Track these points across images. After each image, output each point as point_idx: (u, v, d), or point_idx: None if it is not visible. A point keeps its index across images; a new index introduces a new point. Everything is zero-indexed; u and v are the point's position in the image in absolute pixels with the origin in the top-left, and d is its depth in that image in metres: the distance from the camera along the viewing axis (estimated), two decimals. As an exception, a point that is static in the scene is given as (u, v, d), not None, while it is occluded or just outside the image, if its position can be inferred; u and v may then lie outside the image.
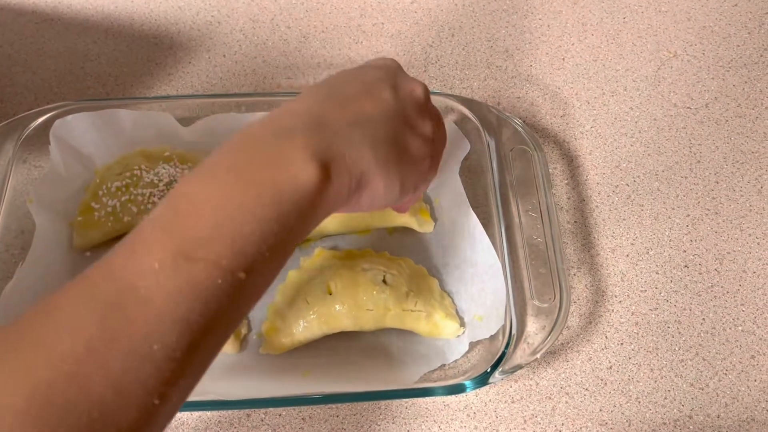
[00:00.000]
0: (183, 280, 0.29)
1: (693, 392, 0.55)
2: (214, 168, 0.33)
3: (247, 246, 0.31)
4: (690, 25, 0.75)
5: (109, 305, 0.28)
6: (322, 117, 0.36)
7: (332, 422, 0.52)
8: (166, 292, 0.29)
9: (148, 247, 0.30)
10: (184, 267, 0.29)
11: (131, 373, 0.27)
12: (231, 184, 0.32)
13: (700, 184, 0.64)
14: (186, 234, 0.30)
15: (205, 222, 0.30)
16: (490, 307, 0.53)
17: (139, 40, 0.72)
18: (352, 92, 0.39)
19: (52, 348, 0.27)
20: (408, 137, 0.40)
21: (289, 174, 0.32)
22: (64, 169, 0.58)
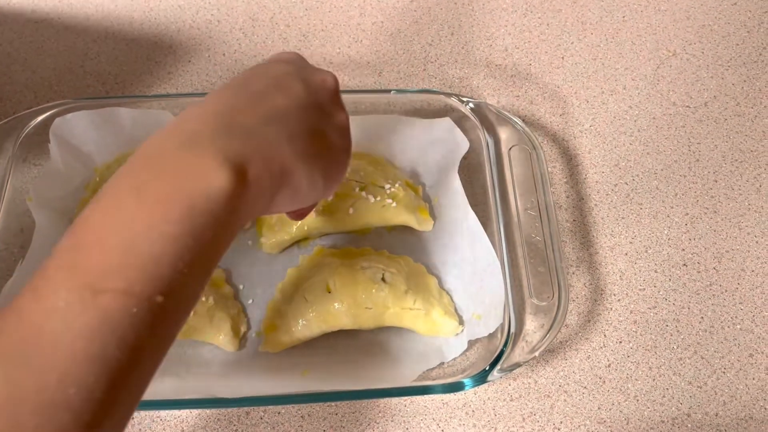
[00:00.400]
0: (93, 315, 0.27)
1: (691, 390, 0.55)
2: (116, 191, 0.30)
3: (160, 268, 0.28)
4: (689, 23, 0.75)
5: (14, 357, 0.26)
6: (231, 117, 0.34)
7: (331, 420, 0.52)
8: (76, 331, 0.26)
9: (51, 286, 0.27)
10: (92, 301, 0.27)
11: (47, 425, 0.25)
12: (135, 206, 0.29)
13: (698, 183, 0.64)
14: (90, 266, 0.28)
15: (110, 250, 0.28)
16: (489, 306, 0.53)
17: (139, 39, 0.72)
18: (261, 88, 0.37)
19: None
20: (324, 127, 0.39)
21: (199, 184, 0.30)
22: (64, 167, 0.59)
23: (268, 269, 0.57)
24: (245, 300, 0.56)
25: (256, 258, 0.58)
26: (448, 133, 0.61)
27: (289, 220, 0.57)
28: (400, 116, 0.61)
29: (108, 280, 0.27)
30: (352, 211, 0.57)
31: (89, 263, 0.28)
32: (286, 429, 0.52)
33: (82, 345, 0.26)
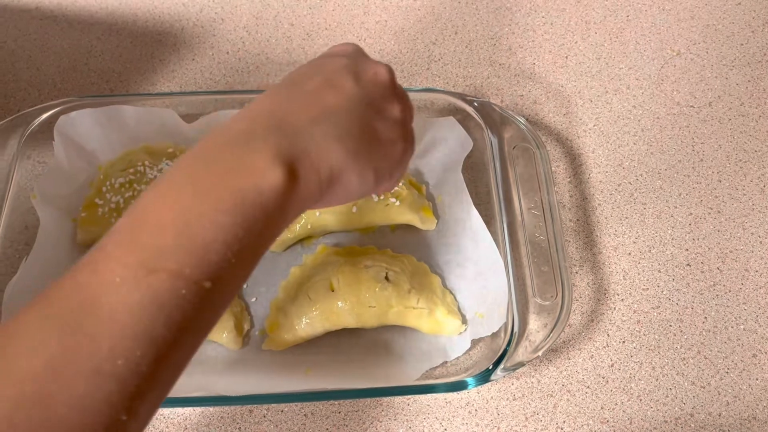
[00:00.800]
0: (145, 293, 0.28)
1: (695, 390, 0.55)
2: (173, 179, 0.32)
3: (211, 254, 0.30)
4: (693, 23, 0.75)
5: (70, 323, 0.28)
6: (282, 116, 0.35)
7: (334, 419, 0.52)
8: (128, 306, 0.28)
9: (109, 262, 0.29)
10: (145, 279, 0.29)
11: (96, 391, 0.27)
12: (190, 194, 0.31)
13: (702, 183, 0.64)
14: (146, 246, 0.30)
15: (166, 233, 0.30)
16: (492, 305, 0.53)
17: (143, 37, 0.72)
18: (312, 86, 0.38)
19: (15, 367, 0.27)
20: (376, 123, 0.39)
21: (251, 179, 0.32)
22: (68, 165, 0.59)
23: (271, 267, 0.57)
24: (248, 298, 0.56)
25: (260, 256, 0.58)
26: (451, 132, 0.61)
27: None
28: (404, 115, 0.61)
29: (161, 259, 0.29)
30: (356, 210, 0.57)
31: (145, 242, 0.30)
32: (289, 427, 0.52)
33: (132, 320, 0.28)
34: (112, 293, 0.28)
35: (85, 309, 0.28)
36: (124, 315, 0.28)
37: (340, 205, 0.40)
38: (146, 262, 0.29)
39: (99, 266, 0.29)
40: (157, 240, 0.30)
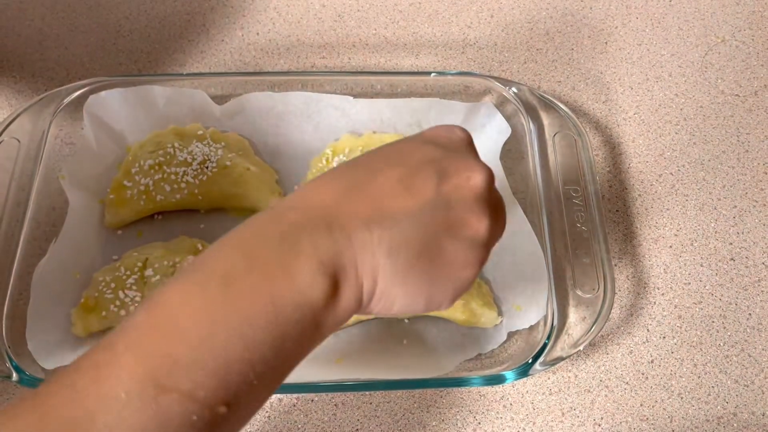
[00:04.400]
0: (151, 417, 0.25)
1: (738, 389, 0.53)
2: (204, 273, 0.28)
3: (231, 375, 0.26)
4: (739, 9, 0.72)
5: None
6: (337, 213, 0.30)
7: (365, 409, 0.51)
8: (129, 429, 0.25)
9: (116, 370, 0.26)
10: (153, 400, 0.25)
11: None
12: (220, 298, 0.27)
13: (747, 175, 0.62)
14: (161, 355, 0.26)
15: (184, 343, 0.26)
16: (530, 297, 0.52)
17: (172, 17, 0.71)
18: (383, 180, 0.32)
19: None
20: (447, 240, 0.32)
21: (291, 290, 0.28)
22: (97, 145, 0.58)
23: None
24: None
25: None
26: (488, 118, 0.59)
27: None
28: (440, 99, 0.60)
29: (175, 376, 0.26)
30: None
31: (160, 350, 0.26)
32: (319, 417, 0.51)
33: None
34: (113, 411, 0.25)
35: (78, 425, 0.25)
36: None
37: (380, 315, 0.35)
38: (158, 377, 0.25)
39: (102, 372, 0.26)
40: (174, 349, 0.26)
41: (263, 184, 0.57)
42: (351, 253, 0.30)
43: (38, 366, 0.47)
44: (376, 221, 0.30)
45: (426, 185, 0.32)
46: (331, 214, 0.30)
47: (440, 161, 0.33)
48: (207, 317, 0.27)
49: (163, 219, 0.57)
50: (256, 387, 0.27)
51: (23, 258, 0.52)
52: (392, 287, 0.31)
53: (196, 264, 0.29)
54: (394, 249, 0.31)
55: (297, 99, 0.60)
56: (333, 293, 0.29)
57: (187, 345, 0.26)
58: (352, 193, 0.31)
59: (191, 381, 0.26)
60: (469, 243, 0.33)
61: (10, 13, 0.70)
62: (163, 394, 0.25)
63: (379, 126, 0.60)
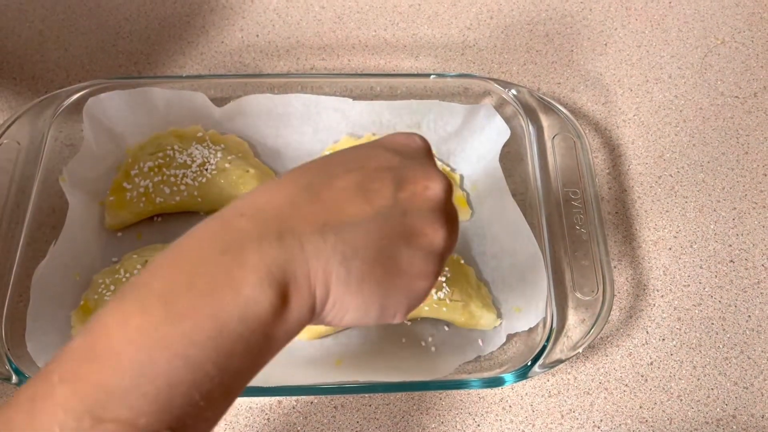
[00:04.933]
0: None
1: (737, 391, 0.53)
2: (143, 293, 0.27)
3: (174, 398, 0.25)
4: (738, 11, 0.72)
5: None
6: (289, 221, 0.29)
7: (364, 411, 0.51)
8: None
9: (50, 404, 0.24)
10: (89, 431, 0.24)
11: None
12: (160, 319, 0.26)
13: (747, 177, 0.62)
14: (97, 385, 0.25)
15: (122, 369, 0.25)
16: (529, 299, 0.52)
17: (171, 18, 0.71)
18: (341, 184, 0.31)
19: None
20: (401, 251, 0.31)
21: (235, 303, 0.26)
22: (97, 147, 0.58)
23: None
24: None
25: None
26: (488, 120, 0.59)
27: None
28: (440, 101, 0.60)
29: (112, 405, 0.24)
30: (389, 199, 0.56)
31: (96, 380, 0.25)
32: (318, 419, 0.51)
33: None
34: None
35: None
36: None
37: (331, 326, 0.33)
38: (93, 408, 0.24)
39: (37, 407, 0.24)
40: (111, 378, 0.25)
41: None
42: (303, 260, 0.28)
43: (38, 368, 0.47)
44: (330, 227, 0.29)
45: (383, 192, 0.31)
46: (283, 219, 0.29)
47: (399, 169, 0.32)
48: (145, 341, 0.25)
49: (163, 221, 0.57)
50: (202, 408, 0.26)
51: (23, 260, 0.52)
52: (345, 296, 0.30)
53: (135, 283, 0.27)
54: (349, 256, 0.29)
55: (297, 101, 0.60)
56: (282, 304, 0.28)
57: (124, 372, 0.25)
58: (306, 198, 0.30)
59: (129, 409, 0.24)
60: (425, 253, 0.32)
61: (10, 14, 0.70)
62: (100, 426, 0.24)
63: (378, 128, 0.60)
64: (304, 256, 0.28)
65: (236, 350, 0.26)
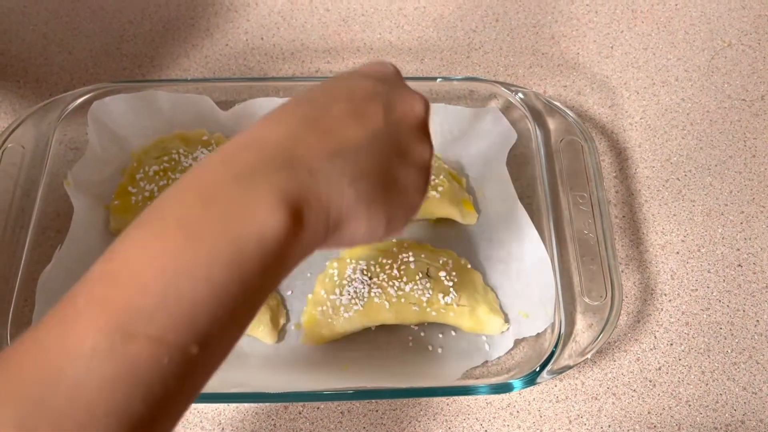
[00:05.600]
0: (120, 365, 0.24)
1: (746, 396, 0.52)
2: (161, 221, 0.28)
3: (199, 316, 0.26)
4: (745, 13, 0.72)
5: (30, 401, 0.24)
6: (295, 149, 0.30)
7: (371, 417, 0.51)
8: (100, 380, 0.24)
9: (80, 324, 0.25)
10: (121, 348, 0.24)
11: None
12: (180, 244, 0.27)
13: (755, 180, 0.62)
14: (124, 306, 0.25)
15: (148, 291, 0.26)
16: (537, 304, 0.52)
17: (175, 21, 0.70)
18: (336, 112, 0.33)
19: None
20: (398, 168, 0.34)
21: (252, 226, 0.27)
22: (102, 151, 0.57)
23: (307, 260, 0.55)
24: (284, 291, 0.55)
25: (296, 248, 0.56)
26: (494, 124, 0.59)
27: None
28: (446, 105, 0.59)
29: (141, 323, 0.25)
30: (395, 203, 0.55)
31: (123, 300, 0.26)
32: (325, 425, 0.50)
33: (104, 397, 0.24)
34: (81, 365, 0.24)
35: (48, 383, 0.24)
36: (94, 391, 0.24)
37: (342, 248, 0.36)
38: (123, 326, 0.25)
39: (68, 327, 0.25)
40: (137, 299, 0.25)
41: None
42: (314, 184, 0.30)
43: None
44: (335, 153, 0.31)
45: (375, 116, 0.33)
46: (289, 149, 0.30)
47: (384, 94, 0.35)
48: (167, 264, 0.26)
49: (168, 225, 0.57)
50: (225, 324, 0.27)
51: (28, 264, 0.52)
52: (356, 215, 0.32)
53: (150, 213, 0.28)
54: (357, 178, 0.31)
55: (302, 104, 0.59)
56: (296, 225, 0.29)
57: (150, 293, 0.26)
58: (306, 129, 0.32)
59: (158, 327, 0.25)
60: (417, 168, 0.35)
61: (13, 17, 0.70)
62: (131, 342, 0.25)
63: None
64: (315, 180, 0.30)
65: (255, 270, 0.27)
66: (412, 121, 0.35)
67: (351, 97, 0.34)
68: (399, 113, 0.35)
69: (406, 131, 0.35)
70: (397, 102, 0.35)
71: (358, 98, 0.34)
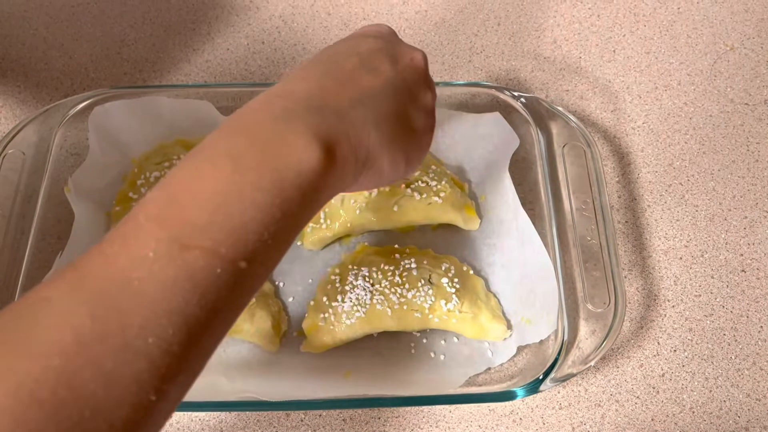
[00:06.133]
0: (179, 270, 0.27)
1: (750, 403, 0.52)
2: (211, 153, 0.31)
3: (247, 234, 0.29)
4: (748, 17, 0.72)
5: (101, 296, 0.26)
6: (321, 97, 0.34)
7: (373, 424, 0.51)
8: (161, 283, 0.27)
9: (142, 236, 0.28)
10: (179, 256, 0.27)
11: (125, 368, 0.25)
12: (229, 170, 0.30)
13: (758, 185, 0.61)
14: (181, 221, 0.28)
15: (202, 209, 0.29)
16: (540, 310, 0.51)
17: (176, 26, 0.70)
18: (349, 67, 0.37)
19: (38, 341, 0.25)
20: (410, 110, 0.38)
21: (291, 158, 0.31)
22: (102, 157, 0.57)
23: (309, 266, 0.56)
24: (285, 298, 0.55)
25: (297, 254, 0.56)
26: (497, 129, 0.58)
27: (332, 216, 0.55)
28: (448, 110, 0.59)
29: (196, 236, 0.28)
30: (397, 209, 0.55)
31: (180, 217, 0.28)
32: (327, 432, 0.50)
33: (165, 297, 0.27)
34: (145, 268, 0.27)
35: (116, 282, 0.27)
36: (156, 291, 0.27)
37: (369, 189, 0.40)
38: (181, 238, 0.28)
39: (130, 239, 0.28)
40: (193, 216, 0.28)
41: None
42: (342, 127, 0.33)
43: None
44: (357, 100, 0.35)
45: (384, 67, 0.38)
46: (317, 98, 0.34)
47: (386, 49, 0.39)
48: (219, 188, 0.29)
49: (169, 231, 0.57)
50: (270, 246, 0.30)
51: (29, 270, 0.51)
52: (381, 156, 0.36)
53: (200, 149, 0.31)
54: (380, 122, 0.35)
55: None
56: (330, 160, 0.32)
57: (205, 211, 0.28)
58: (328, 81, 0.35)
59: (212, 240, 0.28)
60: (425, 111, 0.40)
61: (14, 22, 0.70)
62: (188, 251, 0.27)
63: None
64: (344, 124, 0.33)
65: (294, 198, 0.30)
66: (415, 70, 0.40)
67: (359, 53, 0.38)
68: (403, 64, 0.39)
69: (412, 79, 0.39)
70: (400, 54, 0.39)
71: (366, 54, 0.38)
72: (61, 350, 0.25)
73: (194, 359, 0.28)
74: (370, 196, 0.55)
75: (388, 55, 0.38)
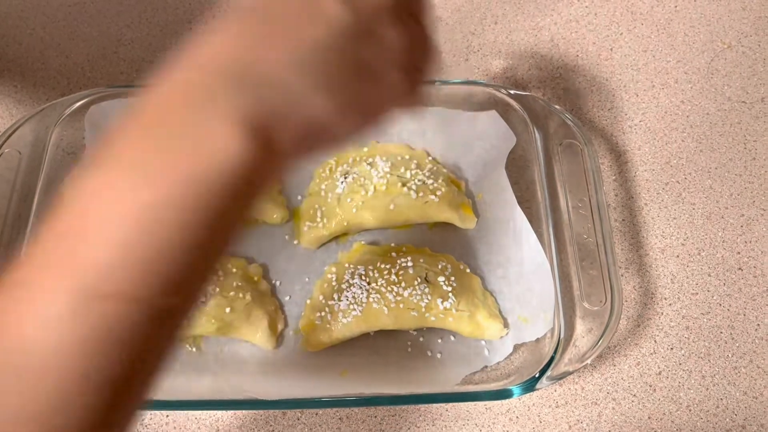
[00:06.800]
0: (90, 327, 0.23)
1: (746, 401, 0.52)
2: (114, 162, 0.25)
3: (168, 264, 0.24)
4: (745, 15, 0.72)
5: (3, 367, 0.23)
6: (249, 63, 0.27)
7: (370, 423, 0.51)
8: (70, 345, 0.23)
9: (42, 287, 0.24)
10: (88, 309, 0.23)
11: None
12: (141, 186, 0.24)
13: (755, 183, 0.61)
14: (86, 263, 0.23)
15: (110, 243, 0.24)
16: (536, 308, 0.51)
17: (173, 25, 0.70)
18: (285, 15, 0.29)
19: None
20: (373, 57, 0.30)
21: (212, 158, 0.25)
22: (98, 156, 0.57)
23: (305, 265, 0.56)
24: (282, 296, 0.55)
25: (294, 253, 0.56)
26: (493, 127, 0.58)
27: (328, 215, 0.55)
28: (444, 109, 0.59)
29: (107, 282, 0.23)
30: (393, 207, 0.55)
31: (85, 259, 0.24)
32: (323, 431, 0.50)
33: (77, 362, 0.23)
34: (50, 330, 0.23)
35: (15, 353, 0.23)
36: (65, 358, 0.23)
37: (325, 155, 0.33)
38: (88, 286, 0.23)
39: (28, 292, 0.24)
40: (101, 254, 0.23)
41: (265, 194, 0.56)
42: (275, 101, 0.27)
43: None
44: (294, 59, 0.28)
45: (331, 8, 0.29)
46: (241, 63, 0.27)
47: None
48: (128, 211, 0.24)
49: (166, 230, 0.57)
50: (196, 268, 0.25)
51: (25, 271, 0.51)
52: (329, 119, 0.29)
53: (101, 160, 0.25)
54: (321, 82, 0.28)
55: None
56: (262, 146, 0.26)
57: (114, 247, 0.24)
58: (260, 36, 0.28)
59: (127, 282, 0.24)
60: (394, 52, 0.31)
61: (10, 21, 0.70)
62: (99, 302, 0.23)
63: (382, 135, 0.60)
64: (277, 95, 0.27)
65: (223, 205, 0.25)
66: (378, 3, 0.30)
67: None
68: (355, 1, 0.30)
69: (374, 16, 0.30)
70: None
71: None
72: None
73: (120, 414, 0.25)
74: (366, 195, 0.55)
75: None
